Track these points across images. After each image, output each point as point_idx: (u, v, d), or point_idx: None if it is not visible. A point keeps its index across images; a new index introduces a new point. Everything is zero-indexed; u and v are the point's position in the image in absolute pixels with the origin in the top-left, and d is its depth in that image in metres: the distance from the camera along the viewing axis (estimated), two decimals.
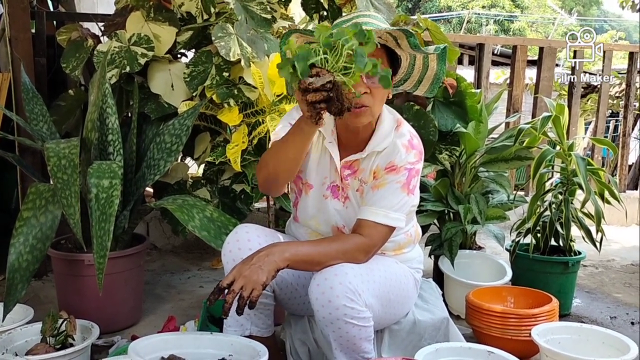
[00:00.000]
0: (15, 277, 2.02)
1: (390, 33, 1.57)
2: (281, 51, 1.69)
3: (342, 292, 1.52)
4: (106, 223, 1.95)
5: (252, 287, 1.44)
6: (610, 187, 2.61)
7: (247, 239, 1.67)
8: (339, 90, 1.32)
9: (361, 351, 1.62)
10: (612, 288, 3.10)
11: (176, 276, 3.15)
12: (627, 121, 4.79)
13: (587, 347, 1.91)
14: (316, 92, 1.31)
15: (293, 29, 1.63)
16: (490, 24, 21.22)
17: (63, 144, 2.10)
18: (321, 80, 1.30)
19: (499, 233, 2.70)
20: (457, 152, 2.65)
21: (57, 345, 1.88)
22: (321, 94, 1.31)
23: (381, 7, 2.54)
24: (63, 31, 2.74)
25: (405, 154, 1.67)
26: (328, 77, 1.30)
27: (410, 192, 1.69)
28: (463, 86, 2.59)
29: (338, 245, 1.60)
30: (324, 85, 1.30)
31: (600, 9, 27.15)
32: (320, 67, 1.32)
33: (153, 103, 2.51)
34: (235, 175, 2.57)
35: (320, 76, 1.31)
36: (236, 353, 1.63)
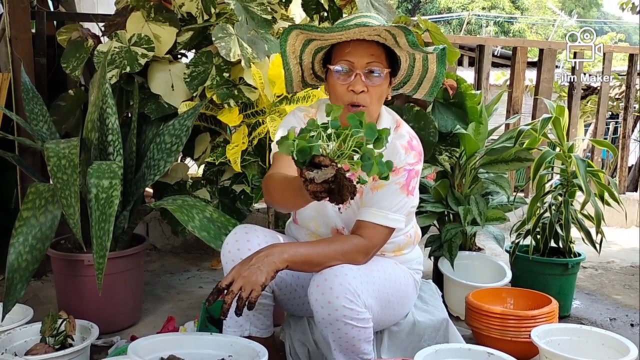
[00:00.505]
0: (15, 277, 2.02)
1: (389, 31, 1.57)
2: (281, 49, 1.69)
3: (341, 293, 1.52)
4: (106, 223, 1.95)
5: (251, 288, 1.43)
6: (610, 189, 2.61)
7: (247, 240, 1.67)
8: (341, 183, 1.27)
9: (360, 352, 1.62)
10: (611, 290, 3.10)
11: (176, 277, 3.15)
12: (627, 123, 4.80)
13: (586, 349, 1.91)
14: (317, 185, 1.26)
15: (293, 26, 1.63)
16: (490, 25, 21.23)
17: (63, 144, 2.10)
18: (322, 175, 1.25)
19: (499, 234, 2.70)
20: (457, 153, 2.65)
21: (57, 346, 1.88)
22: (322, 186, 1.26)
23: (381, 8, 2.54)
24: (63, 31, 2.75)
25: (404, 155, 1.68)
26: (330, 172, 1.25)
27: (410, 193, 1.69)
28: (463, 87, 2.59)
29: (337, 247, 1.60)
30: (326, 180, 1.25)
31: (600, 10, 27.16)
32: (323, 156, 1.27)
33: (153, 103, 2.51)
34: (235, 175, 2.57)
35: (322, 168, 1.25)
36: (236, 354, 1.63)
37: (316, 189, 1.26)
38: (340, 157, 1.28)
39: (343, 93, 1.62)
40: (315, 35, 1.62)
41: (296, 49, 1.70)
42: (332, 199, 1.29)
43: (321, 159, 1.26)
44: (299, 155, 1.26)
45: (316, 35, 1.63)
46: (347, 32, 1.56)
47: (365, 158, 1.27)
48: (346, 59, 1.61)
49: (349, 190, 1.28)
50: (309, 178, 1.26)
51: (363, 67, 1.60)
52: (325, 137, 1.28)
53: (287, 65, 1.73)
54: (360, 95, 1.60)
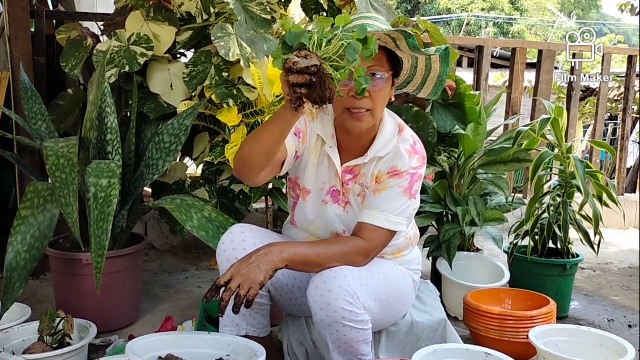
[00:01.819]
0: (13, 275, 2.01)
1: (389, 35, 1.56)
2: None
3: (340, 295, 1.51)
4: (104, 222, 1.95)
5: (250, 286, 1.43)
6: (608, 190, 2.61)
7: (242, 239, 1.67)
8: (323, 78, 1.27)
9: (359, 354, 1.62)
10: (609, 291, 3.10)
11: (174, 276, 3.15)
12: (625, 124, 4.80)
13: (584, 350, 1.91)
14: (299, 74, 1.26)
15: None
16: (489, 26, 21.26)
17: (62, 143, 2.10)
18: (307, 62, 1.25)
19: (497, 235, 2.70)
20: (455, 154, 2.65)
21: (55, 345, 1.88)
22: (304, 76, 1.25)
23: (381, 8, 2.54)
24: (63, 30, 2.74)
25: (408, 159, 1.67)
26: (315, 61, 1.25)
27: (412, 197, 1.68)
28: (462, 88, 2.59)
29: (337, 248, 1.59)
30: (308, 67, 1.25)
31: (599, 12, 27.21)
32: (310, 51, 1.28)
33: (152, 103, 2.51)
34: (234, 175, 2.56)
35: (307, 58, 1.26)
36: (234, 353, 1.63)
37: (297, 80, 1.26)
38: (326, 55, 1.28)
39: (344, 98, 1.59)
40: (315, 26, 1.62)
41: None
42: (311, 94, 1.28)
43: (307, 52, 1.27)
44: (290, 38, 1.27)
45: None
46: None
47: (350, 48, 1.28)
48: None
49: (330, 89, 1.28)
50: (293, 62, 1.26)
51: (364, 71, 1.59)
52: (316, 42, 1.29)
53: None
54: (362, 100, 1.58)
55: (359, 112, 1.60)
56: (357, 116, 1.60)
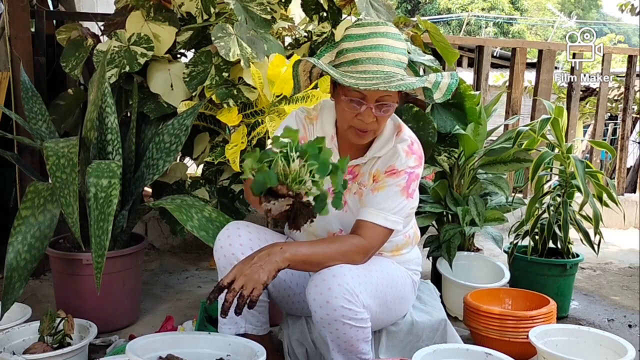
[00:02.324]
0: (13, 275, 2.02)
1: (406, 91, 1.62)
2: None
3: (340, 294, 1.52)
4: (105, 222, 1.95)
5: (253, 286, 1.44)
6: (608, 190, 2.61)
7: (238, 235, 1.69)
8: (299, 211, 1.33)
9: (359, 352, 1.62)
10: (609, 291, 3.10)
11: (174, 276, 3.15)
12: (625, 124, 4.80)
13: (584, 350, 1.91)
14: (276, 214, 1.33)
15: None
16: (489, 26, 21.25)
17: (62, 143, 2.10)
18: (279, 207, 1.31)
19: (497, 235, 2.70)
20: (455, 153, 2.65)
21: (55, 345, 1.88)
22: (280, 214, 1.33)
23: (381, 8, 2.54)
24: (63, 30, 2.74)
25: (405, 158, 1.69)
26: (286, 202, 1.31)
27: (410, 196, 1.70)
28: (462, 88, 2.59)
29: (337, 247, 1.60)
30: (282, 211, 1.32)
31: (599, 12, 27.20)
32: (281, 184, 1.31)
33: (152, 103, 2.51)
34: (234, 175, 2.57)
35: (278, 199, 1.31)
36: (234, 353, 1.63)
37: (276, 217, 1.34)
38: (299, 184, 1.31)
39: (350, 118, 1.62)
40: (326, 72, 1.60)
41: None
42: (290, 224, 1.36)
43: (278, 188, 1.30)
44: (256, 188, 1.30)
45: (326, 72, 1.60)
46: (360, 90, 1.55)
47: (319, 199, 1.32)
48: (359, 91, 1.57)
49: (305, 218, 1.34)
50: (267, 210, 1.32)
51: (374, 100, 1.59)
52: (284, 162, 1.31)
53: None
54: (369, 124, 1.62)
55: (363, 133, 1.64)
56: (361, 135, 1.65)
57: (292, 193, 1.29)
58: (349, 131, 1.66)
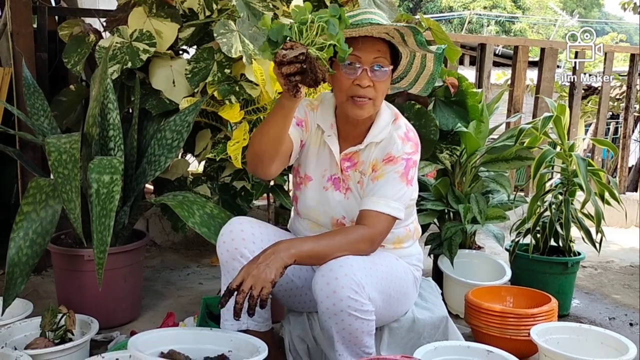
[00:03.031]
0: (15, 271, 2.02)
1: (397, 29, 1.61)
2: None
3: (347, 284, 1.53)
4: (106, 218, 1.95)
5: (262, 286, 1.45)
6: (610, 188, 2.61)
7: (241, 230, 1.70)
8: (312, 63, 1.38)
9: (363, 345, 1.62)
10: (611, 289, 3.10)
11: (175, 273, 3.15)
12: (627, 123, 4.80)
13: (585, 348, 1.91)
14: (290, 65, 1.37)
15: None
16: (491, 24, 21.23)
17: (64, 139, 2.10)
18: (294, 52, 1.36)
19: (499, 233, 2.70)
20: (457, 151, 2.65)
21: (56, 340, 1.89)
22: (295, 66, 1.37)
23: (383, 5, 2.54)
24: (65, 26, 2.74)
25: (401, 145, 1.72)
26: (301, 49, 1.36)
27: (409, 183, 1.72)
28: (464, 86, 2.59)
29: (342, 237, 1.62)
30: (297, 57, 1.36)
31: (601, 11, 27.16)
32: (294, 41, 1.38)
33: (154, 99, 2.51)
34: (235, 172, 2.57)
35: (293, 49, 1.36)
36: (235, 349, 1.64)
37: (289, 70, 1.38)
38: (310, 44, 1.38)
39: (348, 86, 1.66)
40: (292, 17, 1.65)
41: None
42: (305, 80, 1.40)
43: (292, 42, 1.37)
44: (273, 34, 1.37)
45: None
46: (359, 29, 1.61)
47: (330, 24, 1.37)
48: (354, 53, 1.63)
49: (321, 70, 1.39)
50: (282, 55, 1.36)
51: (370, 62, 1.65)
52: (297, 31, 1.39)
53: None
54: (366, 89, 1.65)
55: (362, 100, 1.66)
56: (360, 104, 1.67)
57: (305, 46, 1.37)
58: (347, 104, 1.69)
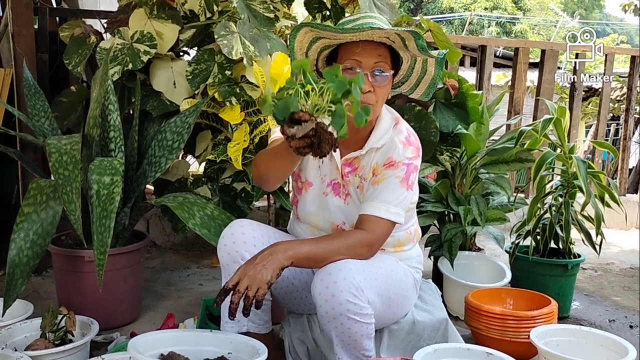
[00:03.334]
0: (16, 272, 2.02)
1: (399, 34, 1.61)
2: (289, 45, 1.72)
3: (345, 288, 1.52)
4: (107, 219, 1.95)
5: (258, 286, 1.45)
6: (610, 191, 2.61)
7: (242, 232, 1.70)
8: (322, 137, 1.30)
9: (362, 348, 1.62)
10: (611, 291, 3.10)
11: (176, 274, 3.15)
12: (628, 125, 4.80)
13: (585, 350, 1.91)
14: (299, 140, 1.30)
15: (305, 23, 1.65)
16: (492, 26, 21.24)
17: (65, 140, 2.10)
18: (302, 130, 1.28)
19: (499, 235, 2.70)
20: (458, 153, 2.65)
21: (57, 341, 1.89)
22: (304, 141, 1.30)
23: (383, 7, 2.54)
24: (66, 27, 2.74)
25: (402, 150, 1.71)
26: (310, 126, 1.28)
27: (409, 188, 1.72)
28: (465, 87, 2.59)
29: (341, 241, 1.62)
30: (306, 134, 1.29)
31: (602, 12, 27.18)
32: (302, 111, 1.29)
33: (155, 100, 2.51)
34: (236, 173, 2.57)
35: (302, 124, 1.28)
36: (236, 351, 1.64)
37: (298, 145, 1.31)
38: (319, 111, 1.30)
39: None
40: (326, 34, 1.66)
41: (303, 45, 1.74)
42: (314, 152, 1.33)
43: (300, 114, 1.29)
44: (278, 112, 1.29)
45: (327, 34, 1.66)
46: (359, 33, 1.60)
47: (337, 115, 1.29)
48: (354, 58, 1.64)
49: (329, 143, 1.32)
50: (290, 134, 1.29)
51: (370, 67, 1.64)
52: (303, 94, 1.30)
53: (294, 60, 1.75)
54: (366, 95, 1.63)
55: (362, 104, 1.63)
56: None
57: (313, 118, 1.29)
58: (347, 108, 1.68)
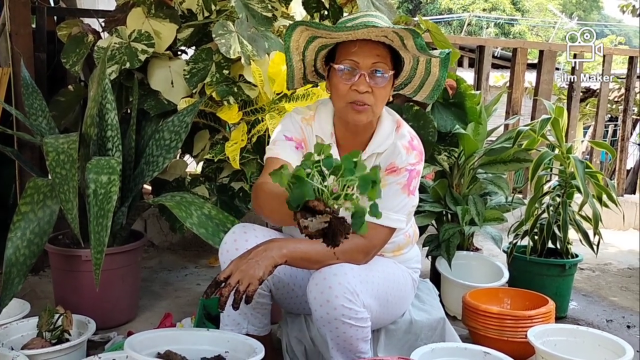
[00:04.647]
0: (12, 271, 2.01)
1: (397, 32, 1.56)
2: (285, 45, 1.69)
3: (340, 293, 1.51)
4: (104, 219, 1.95)
5: (249, 282, 1.42)
6: (608, 191, 2.61)
7: (245, 239, 1.66)
8: (335, 228, 1.24)
9: (358, 351, 1.62)
10: (608, 291, 3.10)
11: (173, 273, 3.15)
12: (625, 125, 4.80)
13: (582, 350, 1.91)
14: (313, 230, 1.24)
15: (299, 22, 1.63)
16: (490, 27, 21.25)
17: (62, 139, 2.10)
18: (316, 225, 1.22)
19: (497, 235, 2.70)
20: (456, 153, 2.65)
21: (53, 340, 1.88)
22: (318, 231, 1.24)
23: (382, 7, 2.54)
24: (63, 26, 2.74)
25: (406, 155, 1.67)
26: (324, 218, 1.22)
27: (411, 193, 1.69)
28: (463, 87, 2.59)
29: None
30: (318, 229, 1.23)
31: (600, 13, 27.22)
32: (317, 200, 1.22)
33: (153, 100, 2.51)
34: (233, 173, 2.57)
35: (315, 216, 1.21)
36: (232, 350, 1.63)
37: (310, 234, 1.24)
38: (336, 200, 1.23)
39: (345, 92, 1.61)
40: (322, 32, 1.62)
41: (300, 45, 1.69)
42: (326, 242, 1.26)
43: (315, 204, 1.22)
44: (292, 200, 1.22)
45: (322, 33, 1.62)
46: (355, 32, 1.56)
47: (356, 216, 1.23)
48: (351, 58, 1.60)
49: (343, 235, 1.25)
50: (302, 226, 1.23)
51: (368, 67, 1.60)
52: (319, 177, 1.23)
53: (290, 61, 1.72)
54: (364, 95, 1.60)
55: (361, 105, 1.61)
56: (358, 108, 1.62)
57: (329, 209, 1.22)
58: (346, 110, 1.64)
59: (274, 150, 1.70)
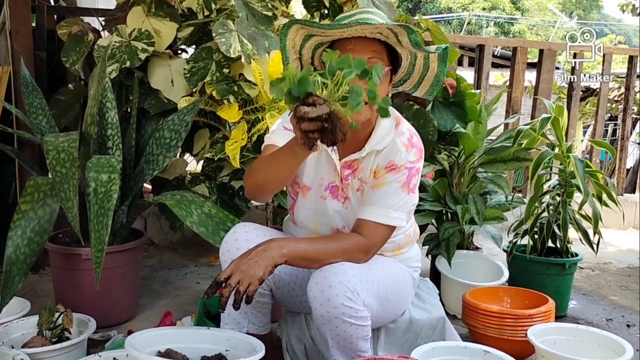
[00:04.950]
0: (13, 269, 2.01)
1: (391, 29, 1.56)
2: (281, 44, 1.68)
3: (341, 291, 1.51)
4: (104, 217, 1.95)
5: (249, 282, 1.43)
6: (608, 190, 2.61)
7: (246, 239, 1.66)
8: (334, 122, 1.26)
9: (358, 350, 1.62)
10: (608, 290, 3.10)
11: (173, 272, 3.15)
12: (625, 125, 4.80)
13: (582, 348, 1.91)
14: (311, 122, 1.26)
15: (294, 20, 1.63)
16: (490, 26, 21.24)
17: (62, 138, 2.10)
18: (317, 111, 1.24)
19: (497, 234, 2.70)
20: (455, 152, 2.65)
21: (54, 339, 1.89)
22: (316, 124, 1.26)
23: (382, 6, 2.54)
24: (64, 25, 2.74)
25: (405, 153, 1.66)
26: (324, 109, 1.24)
27: (411, 191, 1.68)
28: (463, 86, 2.59)
29: (337, 244, 1.59)
30: (319, 116, 1.25)
31: (600, 12, 27.21)
32: (317, 96, 1.26)
33: (153, 98, 2.51)
34: (234, 171, 2.57)
35: (316, 106, 1.25)
36: (233, 348, 1.63)
37: (309, 127, 1.26)
38: (334, 100, 1.26)
39: None
40: (316, 31, 1.62)
41: (296, 43, 1.69)
42: (324, 138, 1.28)
43: (315, 98, 1.25)
44: (296, 88, 1.24)
45: (317, 31, 1.62)
46: (348, 29, 1.55)
47: (353, 92, 1.25)
48: None
49: (342, 130, 1.28)
50: (303, 112, 1.25)
51: None
52: (320, 83, 1.26)
53: (287, 60, 1.72)
54: None
55: None
56: None
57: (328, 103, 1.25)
58: None
59: (272, 138, 1.70)
